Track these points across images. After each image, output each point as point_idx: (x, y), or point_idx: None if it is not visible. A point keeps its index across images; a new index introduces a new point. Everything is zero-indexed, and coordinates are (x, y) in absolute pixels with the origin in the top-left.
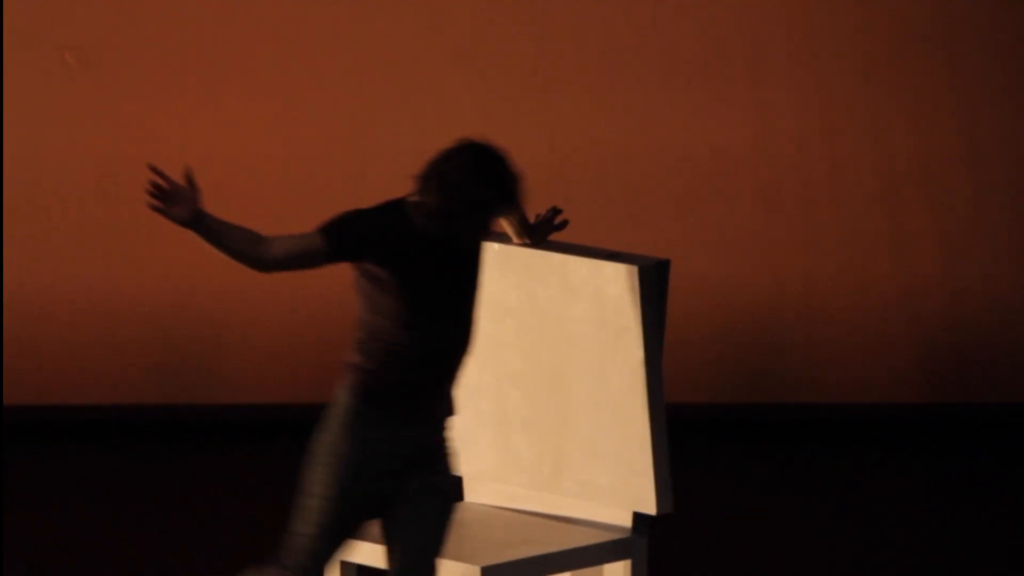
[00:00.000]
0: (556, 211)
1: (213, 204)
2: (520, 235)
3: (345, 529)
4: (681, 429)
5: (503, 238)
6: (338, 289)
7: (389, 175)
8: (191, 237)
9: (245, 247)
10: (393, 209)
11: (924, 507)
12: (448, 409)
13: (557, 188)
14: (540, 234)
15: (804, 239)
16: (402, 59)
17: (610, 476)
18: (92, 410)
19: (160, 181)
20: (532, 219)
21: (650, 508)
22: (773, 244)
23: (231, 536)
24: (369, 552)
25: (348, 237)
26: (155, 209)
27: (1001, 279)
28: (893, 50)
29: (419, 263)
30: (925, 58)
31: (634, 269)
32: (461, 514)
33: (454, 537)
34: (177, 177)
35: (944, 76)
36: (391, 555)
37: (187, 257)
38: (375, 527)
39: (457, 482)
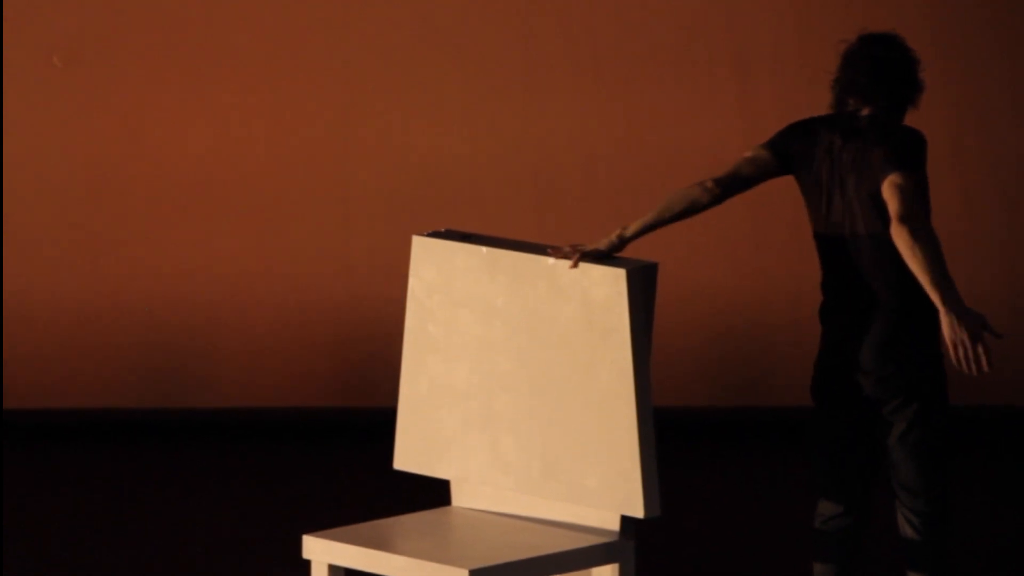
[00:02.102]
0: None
1: (202, 204)
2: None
3: None
4: (669, 432)
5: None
6: (327, 294)
7: (378, 174)
8: (181, 241)
9: (687, 197)
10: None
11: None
12: None
13: (545, 189)
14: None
15: (793, 242)
16: (391, 58)
17: (598, 479)
18: (80, 414)
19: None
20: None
21: (638, 511)
22: (762, 247)
23: (224, 537)
24: (357, 555)
25: None
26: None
27: (991, 280)
28: None
29: None
30: None
31: (622, 272)
32: (448, 517)
33: (441, 540)
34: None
35: (932, 75)
36: None
37: (177, 260)
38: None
39: (444, 485)
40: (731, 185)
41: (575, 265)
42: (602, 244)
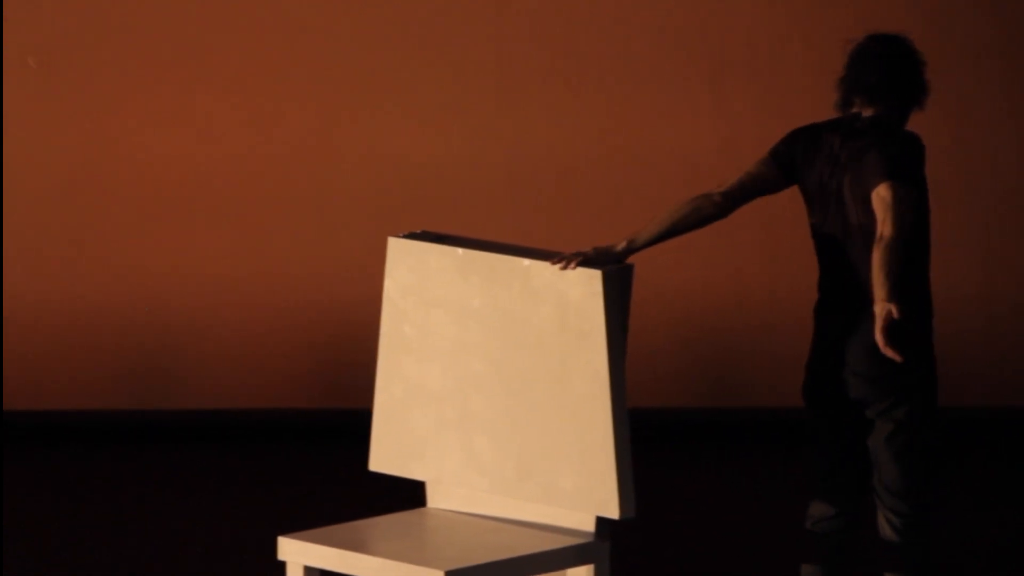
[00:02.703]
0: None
1: (183, 208)
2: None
3: None
4: (644, 433)
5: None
6: (304, 296)
7: (355, 176)
8: (160, 244)
9: (693, 209)
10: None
11: None
12: None
13: (521, 192)
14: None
15: (768, 243)
16: (367, 61)
17: (573, 480)
18: (61, 416)
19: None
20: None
21: (613, 512)
22: (736, 249)
23: (201, 537)
24: (333, 557)
25: None
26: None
27: (965, 285)
28: None
29: None
30: None
31: (597, 274)
32: (423, 518)
33: (416, 542)
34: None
35: None
36: None
37: (156, 263)
38: None
39: (419, 486)
40: (738, 199)
41: (574, 267)
42: (615, 247)
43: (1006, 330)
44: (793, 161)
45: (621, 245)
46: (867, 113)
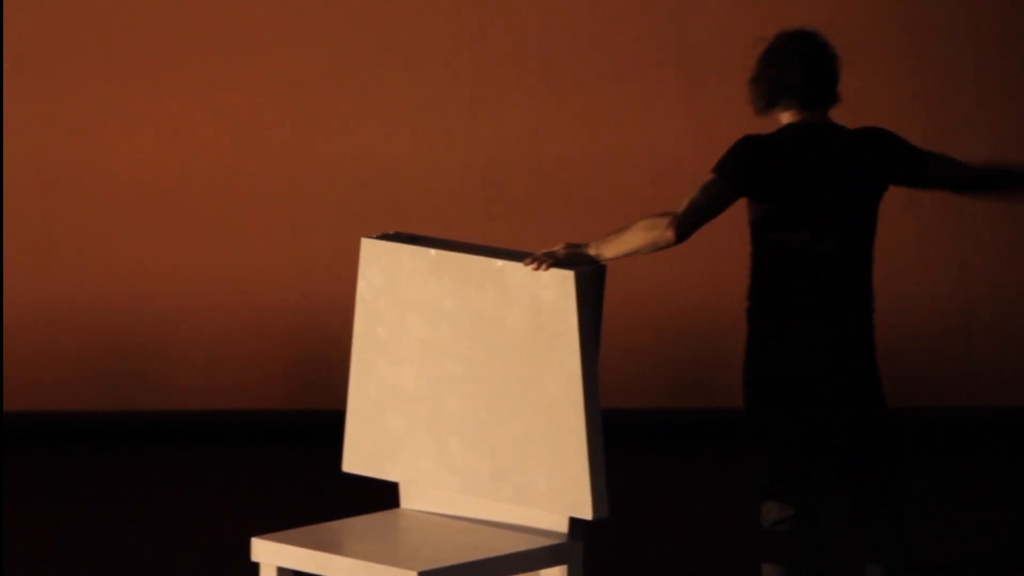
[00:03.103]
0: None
1: (153, 208)
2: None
3: None
4: (617, 434)
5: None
6: (278, 297)
7: (329, 177)
8: (133, 245)
9: (649, 241)
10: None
11: None
12: None
13: (494, 193)
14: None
15: (741, 244)
16: (340, 62)
17: (546, 481)
18: (28, 416)
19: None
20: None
21: (586, 513)
22: (710, 249)
23: (174, 538)
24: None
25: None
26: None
27: (939, 285)
28: None
29: None
30: (857, 65)
31: (570, 274)
32: (397, 520)
33: (390, 543)
34: None
35: (872, 84)
36: None
37: (129, 265)
38: None
39: (393, 488)
40: (695, 228)
41: (546, 268)
42: (584, 247)
43: (980, 330)
44: (748, 181)
45: (589, 250)
46: (794, 114)
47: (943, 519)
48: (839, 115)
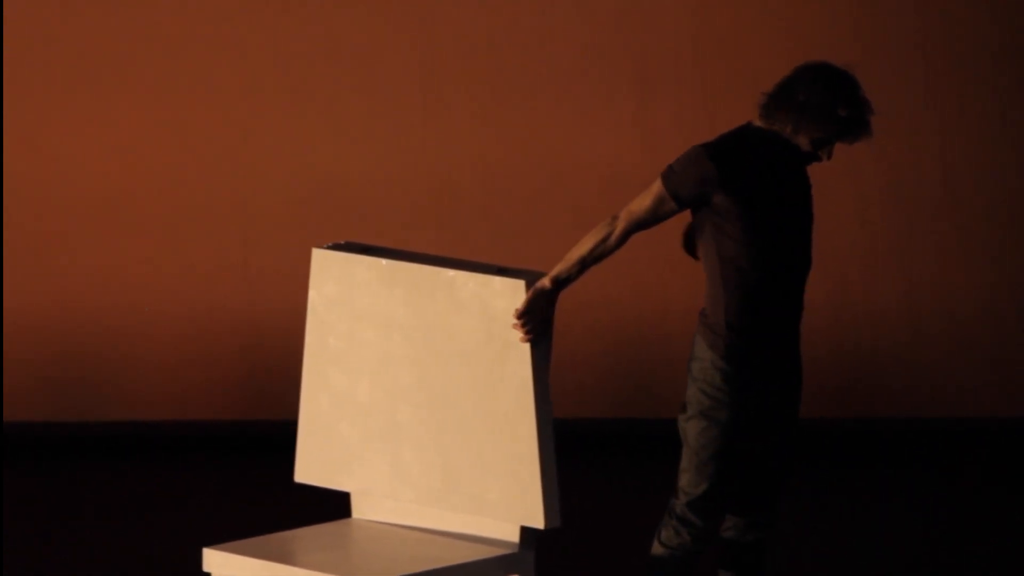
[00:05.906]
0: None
1: (103, 218)
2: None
3: None
4: (569, 444)
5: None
6: (229, 307)
7: (279, 187)
8: (83, 255)
9: (600, 251)
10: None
11: (814, 515)
12: None
13: (445, 203)
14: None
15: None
16: (290, 73)
17: (499, 491)
18: None
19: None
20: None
21: (538, 522)
22: (659, 259)
23: (125, 550)
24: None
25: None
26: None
27: (887, 296)
28: (781, 64)
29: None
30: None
31: (520, 283)
32: (349, 530)
33: (342, 553)
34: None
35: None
36: None
37: (79, 274)
38: None
39: (345, 498)
40: (638, 230)
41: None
42: (542, 286)
43: (926, 341)
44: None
45: (545, 281)
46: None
47: (884, 528)
48: None
